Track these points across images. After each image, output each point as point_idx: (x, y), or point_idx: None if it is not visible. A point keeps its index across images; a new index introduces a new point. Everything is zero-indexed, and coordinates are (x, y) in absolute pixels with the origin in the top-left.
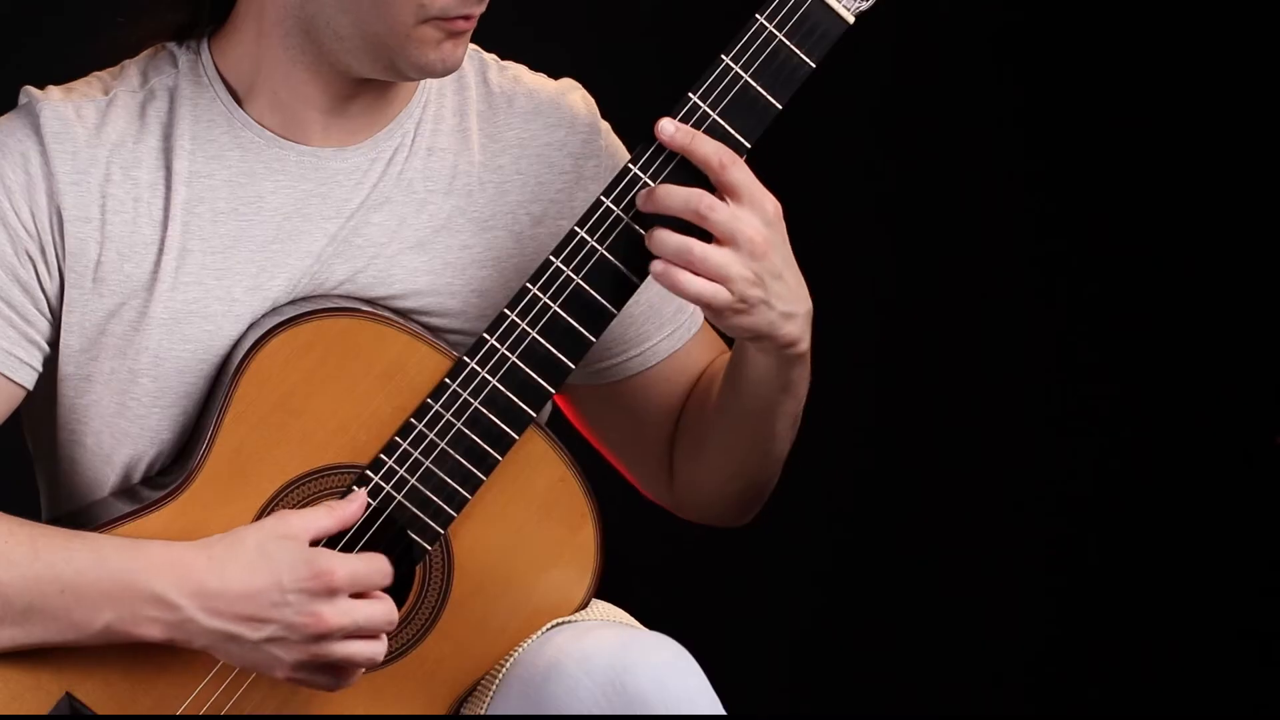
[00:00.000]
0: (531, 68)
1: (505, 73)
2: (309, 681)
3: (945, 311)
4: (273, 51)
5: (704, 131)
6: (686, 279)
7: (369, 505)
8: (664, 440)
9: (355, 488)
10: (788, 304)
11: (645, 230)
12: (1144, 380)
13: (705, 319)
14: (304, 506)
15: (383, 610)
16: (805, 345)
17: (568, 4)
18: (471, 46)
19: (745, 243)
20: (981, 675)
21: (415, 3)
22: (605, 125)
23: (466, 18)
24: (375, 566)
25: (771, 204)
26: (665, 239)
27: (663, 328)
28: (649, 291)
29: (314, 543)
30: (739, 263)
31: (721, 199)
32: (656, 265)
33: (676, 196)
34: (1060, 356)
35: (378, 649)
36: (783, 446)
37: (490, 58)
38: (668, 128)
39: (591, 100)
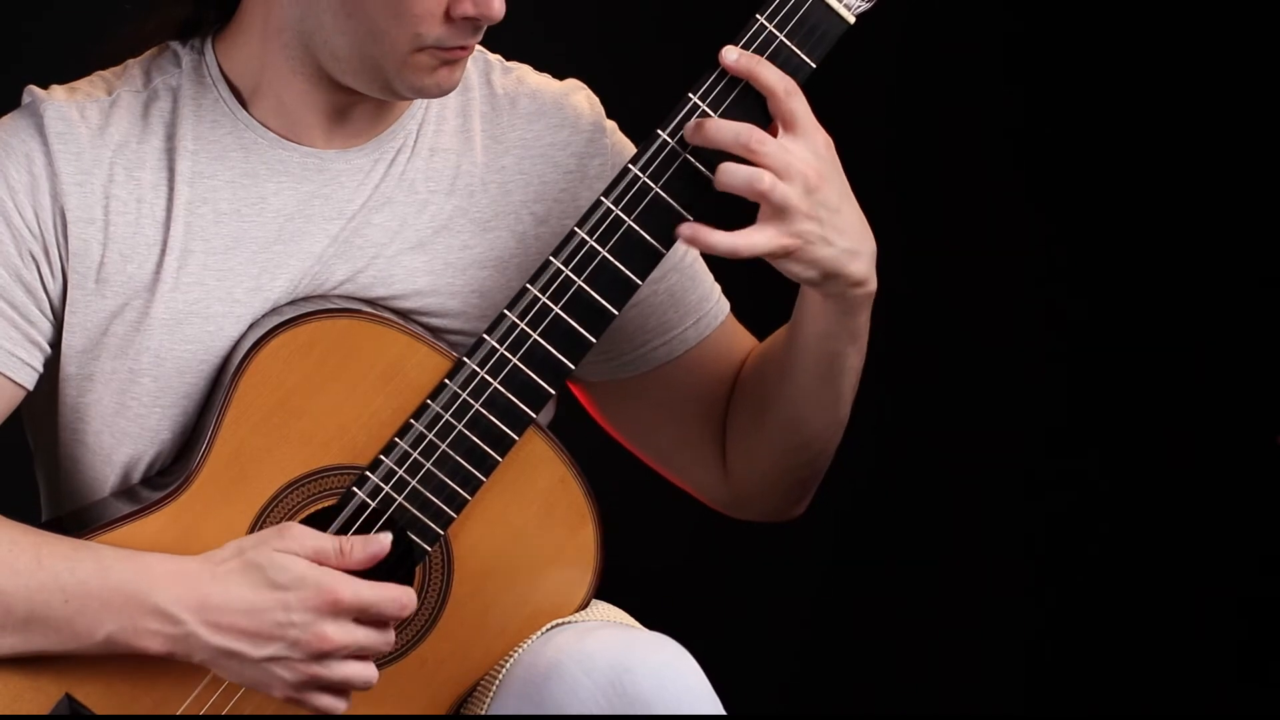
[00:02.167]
0: (535, 67)
1: (509, 74)
2: (307, 702)
3: (946, 311)
4: (275, 59)
5: None
6: (720, 237)
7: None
8: (707, 430)
9: (359, 493)
10: (849, 240)
11: (647, 230)
12: (1144, 380)
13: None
14: (303, 507)
15: (379, 636)
16: (873, 285)
17: (569, 4)
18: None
19: (798, 176)
20: (981, 675)
21: (411, 32)
22: (611, 124)
23: (463, 46)
24: (389, 595)
25: (823, 137)
26: (735, 169)
27: (687, 316)
28: (668, 280)
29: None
30: (795, 195)
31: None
32: (685, 229)
33: (727, 130)
34: (1060, 357)
35: (371, 673)
36: (846, 408)
37: (495, 58)
38: (730, 53)
39: (596, 100)
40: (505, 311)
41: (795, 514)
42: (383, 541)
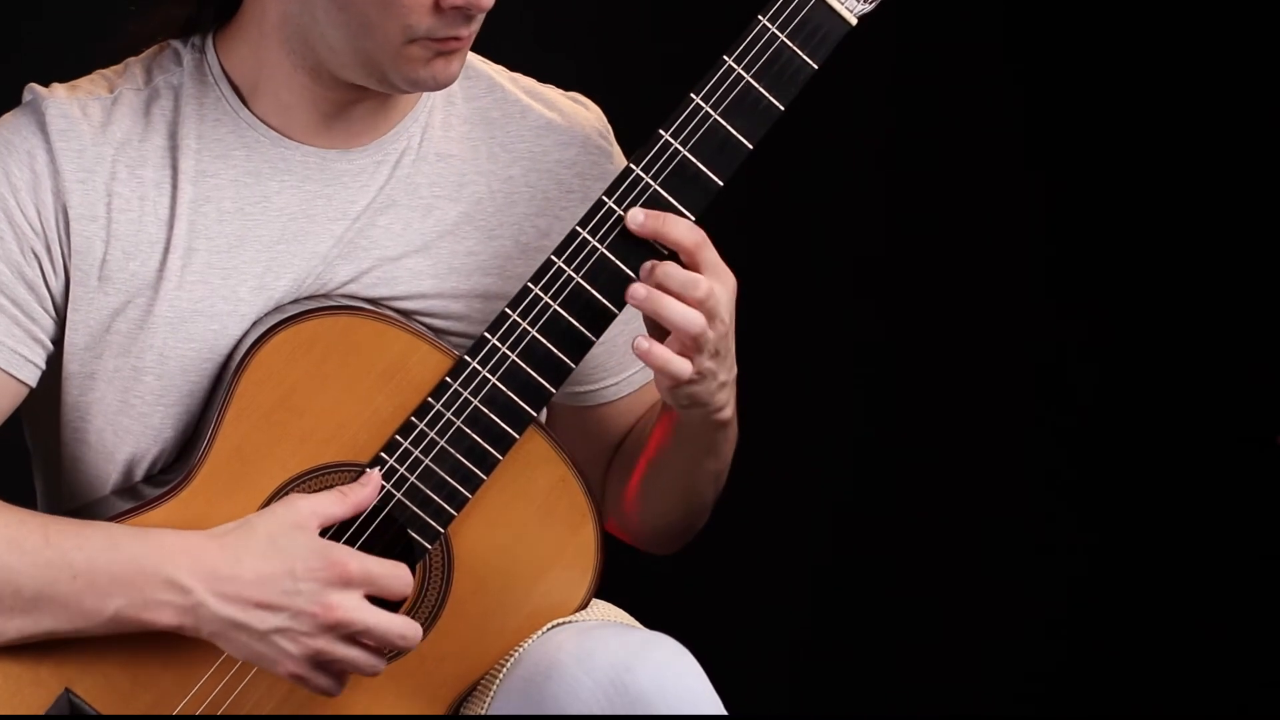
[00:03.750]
0: (533, 70)
1: (518, 84)
2: (310, 680)
3: (945, 310)
4: (274, 55)
5: (705, 132)
6: (664, 352)
7: (382, 488)
8: (603, 468)
9: (368, 470)
10: (725, 373)
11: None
12: (1144, 380)
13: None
14: None
15: (399, 623)
16: (729, 412)
17: (570, 6)
18: (481, 58)
19: (715, 322)
20: (981, 675)
21: (402, 24)
22: (617, 150)
23: (456, 38)
24: (393, 571)
25: (732, 281)
26: (674, 305)
27: (635, 361)
28: (633, 324)
29: (325, 530)
30: (713, 337)
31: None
32: (641, 343)
33: (675, 279)
34: (1060, 356)
35: (379, 663)
36: (705, 498)
37: (498, 68)
38: (638, 216)
39: (605, 118)
40: (506, 310)
41: (667, 553)
42: (372, 481)
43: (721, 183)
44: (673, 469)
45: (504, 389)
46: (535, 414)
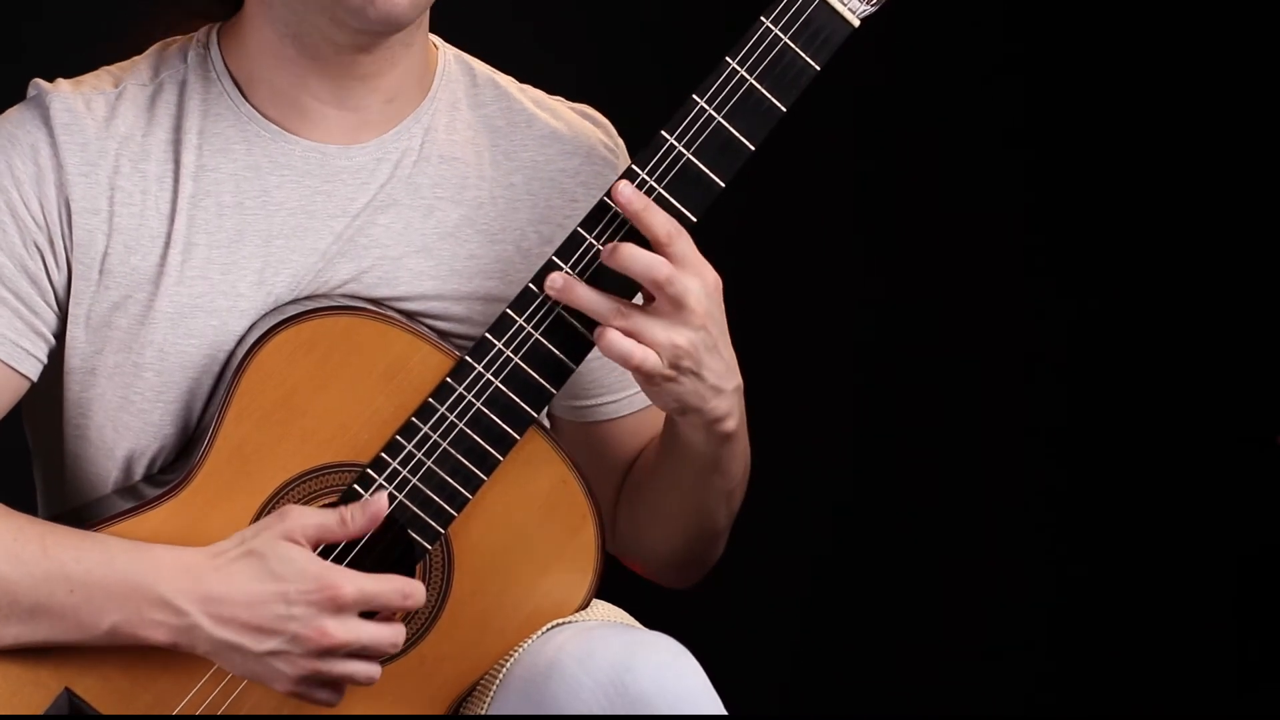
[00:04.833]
0: (532, 73)
1: (525, 94)
2: (308, 696)
3: (943, 310)
4: (265, 35)
5: (708, 134)
6: (615, 337)
7: (391, 500)
8: (614, 491)
9: (363, 491)
10: (718, 378)
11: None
12: (1144, 380)
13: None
14: (304, 505)
15: (389, 634)
16: (733, 424)
17: (571, 9)
18: (490, 68)
19: (687, 313)
20: (981, 674)
21: None
22: (624, 161)
23: None
24: (392, 587)
25: (712, 276)
26: (612, 337)
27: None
28: None
29: (320, 547)
30: (677, 332)
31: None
32: (598, 333)
33: (640, 259)
34: (1059, 355)
35: (374, 671)
36: (717, 521)
37: (508, 79)
38: (625, 191)
39: (613, 130)
40: (508, 310)
41: (681, 586)
42: (380, 502)
43: (723, 184)
44: (679, 487)
45: (505, 390)
46: (536, 415)
